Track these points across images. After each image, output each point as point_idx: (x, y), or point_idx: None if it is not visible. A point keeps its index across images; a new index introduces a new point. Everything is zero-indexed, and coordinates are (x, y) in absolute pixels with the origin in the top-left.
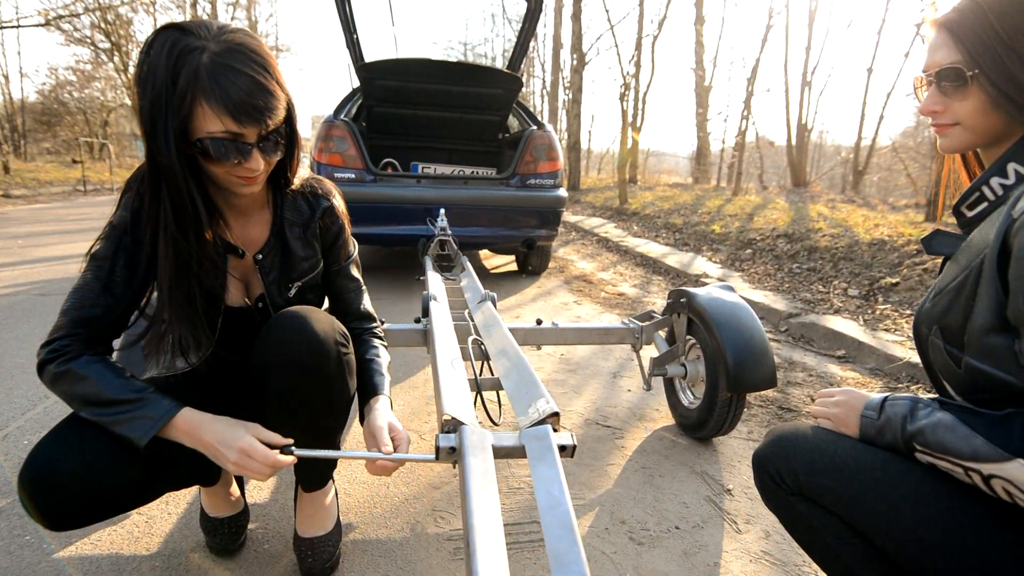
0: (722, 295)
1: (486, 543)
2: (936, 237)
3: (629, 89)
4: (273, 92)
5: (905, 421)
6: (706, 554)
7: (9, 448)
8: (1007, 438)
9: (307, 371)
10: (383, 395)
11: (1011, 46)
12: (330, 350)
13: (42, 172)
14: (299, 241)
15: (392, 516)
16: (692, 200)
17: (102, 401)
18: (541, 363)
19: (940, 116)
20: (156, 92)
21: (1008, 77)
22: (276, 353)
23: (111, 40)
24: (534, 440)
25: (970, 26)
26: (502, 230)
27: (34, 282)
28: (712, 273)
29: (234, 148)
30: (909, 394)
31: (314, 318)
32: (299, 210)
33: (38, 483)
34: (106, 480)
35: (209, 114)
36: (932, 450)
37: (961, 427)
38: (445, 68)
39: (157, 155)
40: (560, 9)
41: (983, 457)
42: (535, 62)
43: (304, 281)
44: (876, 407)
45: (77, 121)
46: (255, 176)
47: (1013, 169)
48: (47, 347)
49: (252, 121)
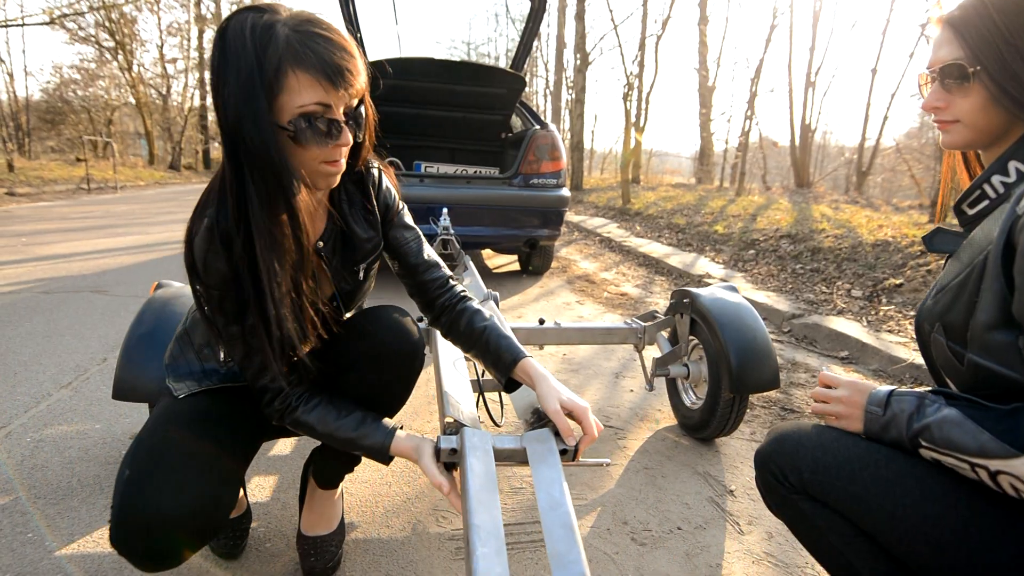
0: (725, 295)
1: (486, 546)
2: (937, 235)
3: (632, 89)
4: (354, 55)
5: (912, 418)
6: (708, 555)
7: (12, 446)
8: (1014, 433)
9: (400, 367)
10: (528, 357)
11: (1013, 43)
12: (419, 349)
13: (46, 170)
14: (359, 222)
15: (394, 515)
16: (695, 200)
17: (337, 440)
18: (543, 363)
19: (942, 112)
20: (243, 73)
21: (1010, 74)
22: (374, 345)
23: (115, 39)
24: (535, 442)
25: (973, 23)
26: (505, 230)
27: (38, 280)
28: (715, 273)
29: (327, 123)
30: (915, 389)
31: (404, 317)
32: (348, 189)
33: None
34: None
35: (303, 82)
36: (938, 446)
37: (968, 423)
38: (448, 67)
39: (247, 143)
40: (564, 9)
41: (991, 453)
42: (538, 62)
43: (368, 262)
44: (881, 403)
45: (81, 119)
46: (340, 160)
47: (1014, 167)
48: (268, 406)
49: (344, 84)
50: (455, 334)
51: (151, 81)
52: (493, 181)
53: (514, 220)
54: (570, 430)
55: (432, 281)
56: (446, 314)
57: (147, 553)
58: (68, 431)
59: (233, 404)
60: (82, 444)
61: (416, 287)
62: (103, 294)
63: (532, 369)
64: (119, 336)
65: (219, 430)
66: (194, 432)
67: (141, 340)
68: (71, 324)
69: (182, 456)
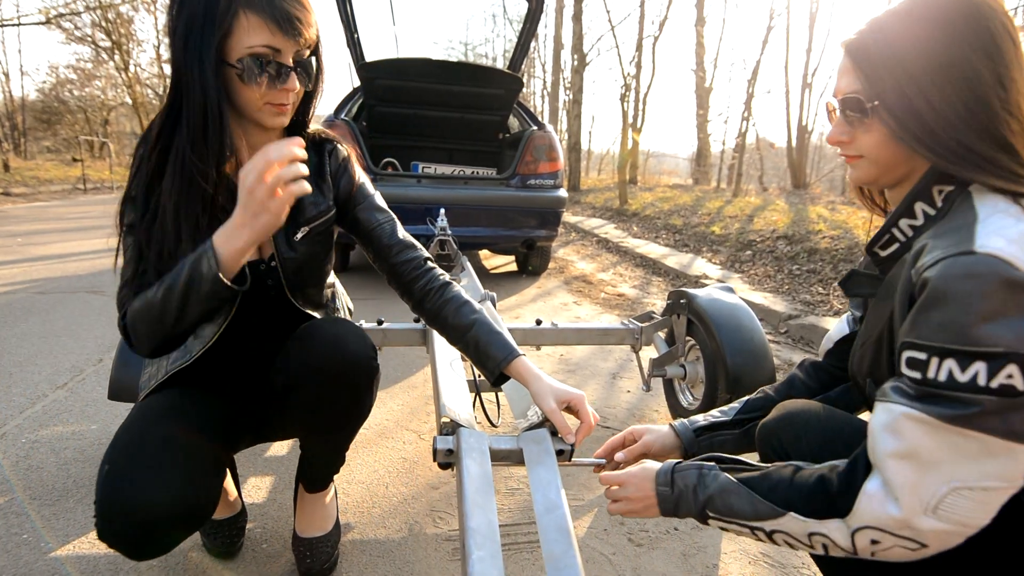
0: (722, 296)
1: (482, 549)
2: (853, 278)
3: (630, 90)
4: (308, 9)
5: (696, 491)
6: (705, 556)
7: (8, 446)
8: (776, 493)
9: (339, 385)
10: (520, 356)
11: (912, 73)
12: (361, 363)
13: (42, 170)
14: (310, 184)
15: (390, 516)
16: (692, 201)
17: (168, 289)
18: (540, 363)
19: (847, 147)
20: (197, 11)
21: (908, 108)
22: (307, 363)
23: (112, 39)
24: (532, 443)
25: (871, 52)
26: (502, 230)
27: (33, 280)
28: (712, 274)
29: (274, 66)
30: (692, 461)
31: (346, 330)
32: (308, 157)
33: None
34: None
35: (253, 24)
36: (723, 515)
37: (741, 488)
38: (446, 68)
39: (187, 77)
40: (561, 10)
41: (763, 515)
42: (536, 62)
43: (312, 226)
44: (667, 480)
45: (77, 119)
46: (287, 104)
47: (921, 208)
48: (124, 318)
49: (293, 32)
50: (441, 323)
51: (148, 81)
52: (490, 182)
53: (511, 221)
54: (568, 428)
55: (407, 262)
56: (429, 299)
57: (134, 543)
58: (64, 432)
59: (207, 395)
60: (78, 445)
61: (391, 270)
62: (99, 295)
63: (524, 368)
64: (115, 337)
65: (193, 420)
66: (168, 424)
67: None
68: (67, 325)
69: (156, 447)
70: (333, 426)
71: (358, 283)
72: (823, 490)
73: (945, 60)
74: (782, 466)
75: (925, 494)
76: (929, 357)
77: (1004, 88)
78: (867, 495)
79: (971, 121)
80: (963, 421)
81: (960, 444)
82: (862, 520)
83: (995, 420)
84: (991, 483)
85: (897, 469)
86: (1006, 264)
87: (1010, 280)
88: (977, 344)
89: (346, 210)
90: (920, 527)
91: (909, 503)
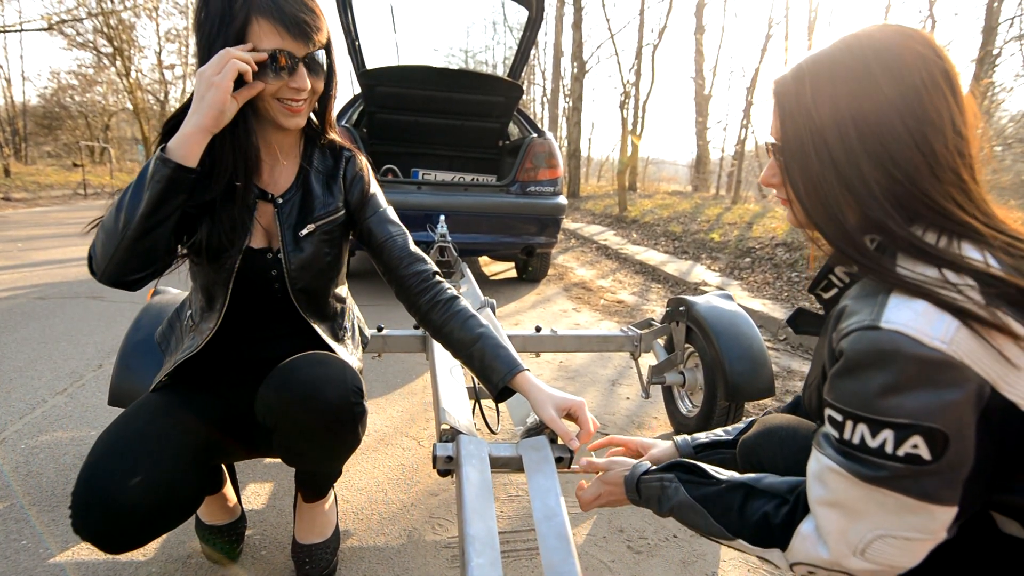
0: (721, 303)
1: (481, 557)
2: (800, 317)
3: (629, 97)
4: (318, 14)
5: (659, 502)
6: (704, 563)
7: (7, 452)
8: (728, 517)
9: (315, 432)
10: (524, 370)
11: (819, 130)
12: (341, 412)
13: (42, 175)
14: (321, 187)
15: (390, 523)
16: (691, 208)
17: (122, 192)
18: (540, 370)
19: (778, 189)
20: (213, 15)
21: (802, 165)
22: (283, 411)
23: (113, 45)
24: (531, 450)
25: (786, 98)
26: (502, 237)
27: (33, 285)
28: (711, 281)
29: (285, 59)
30: (655, 473)
31: (327, 374)
32: (325, 161)
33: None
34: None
35: (265, 30)
36: (685, 526)
37: (698, 507)
38: (446, 75)
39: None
40: (561, 18)
41: (717, 534)
42: (536, 70)
43: (319, 224)
44: (634, 489)
45: (78, 125)
46: (301, 102)
47: None
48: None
49: (302, 35)
50: (446, 337)
51: (149, 87)
52: (490, 188)
53: (511, 227)
54: (569, 434)
55: (417, 274)
56: (436, 311)
57: (104, 535)
58: (63, 438)
59: (202, 397)
60: (77, 451)
61: (400, 282)
62: (99, 299)
63: (526, 380)
64: (115, 342)
65: (179, 418)
66: (150, 419)
67: (138, 346)
68: (67, 330)
69: (134, 441)
70: (316, 463)
71: (358, 289)
72: (766, 524)
73: (858, 116)
74: (737, 484)
75: (853, 539)
76: (844, 420)
77: (927, 150)
78: (800, 536)
79: (879, 187)
80: (879, 482)
81: (880, 500)
82: (796, 557)
83: (908, 483)
84: (913, 535)
85: (826, 516)
86: (911, 340)
87: (914, 356)
88: (884, 415)
89: (357, 218)
90: (850, 567)
91: (837, 547)
